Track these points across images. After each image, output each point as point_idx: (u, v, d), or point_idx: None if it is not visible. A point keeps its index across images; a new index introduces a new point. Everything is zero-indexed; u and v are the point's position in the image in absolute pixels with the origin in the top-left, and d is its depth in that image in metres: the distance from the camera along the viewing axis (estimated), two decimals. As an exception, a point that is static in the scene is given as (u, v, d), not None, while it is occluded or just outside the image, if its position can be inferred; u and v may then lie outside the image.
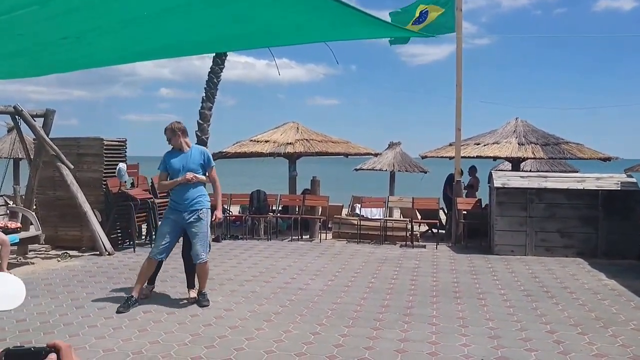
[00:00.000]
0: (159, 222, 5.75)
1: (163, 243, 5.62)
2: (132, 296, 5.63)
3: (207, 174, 5.75)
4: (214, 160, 12.57)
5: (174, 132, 5.65)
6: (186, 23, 2.41)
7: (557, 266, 7.93)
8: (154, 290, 6.11)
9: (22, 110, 8.09)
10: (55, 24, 2.21)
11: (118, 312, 5.41)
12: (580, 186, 8.87)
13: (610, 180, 8.93)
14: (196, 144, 11.27)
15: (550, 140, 11.66)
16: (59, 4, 1.98)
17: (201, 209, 5.63)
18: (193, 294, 5.87)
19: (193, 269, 5.93)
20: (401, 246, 9.80)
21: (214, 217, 5.84)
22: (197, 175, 5.59)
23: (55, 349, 1.30)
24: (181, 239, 5.94)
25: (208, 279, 6.01)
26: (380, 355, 4.30)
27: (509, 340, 4.62)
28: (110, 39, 2.54)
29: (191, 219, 5.59)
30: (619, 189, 8.73)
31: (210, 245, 5.95)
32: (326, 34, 3.04)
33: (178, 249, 6.05)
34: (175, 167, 5.60)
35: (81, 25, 2.29)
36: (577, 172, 13.42)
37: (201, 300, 5.68)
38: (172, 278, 6.80)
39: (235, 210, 12.54)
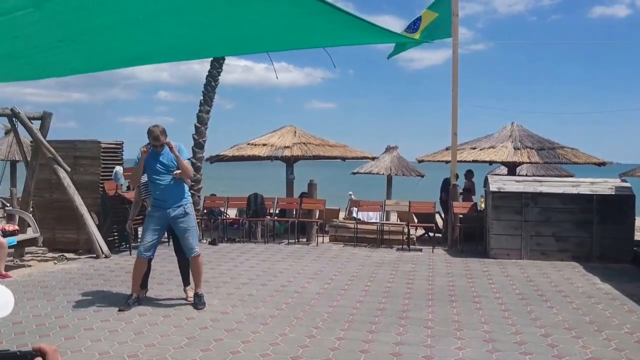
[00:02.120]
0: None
1: (149, 240, 5.64)
2: (132, 295, 5.72)
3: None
4: (211, 162, 12.56)
5: (164, 134, 5.60)
6: (183, 27, 2.42)
7: (552, 270, 7.97)
8: (148, 293, 6.12)
9: (19, 112, 8.10)
10: (50, 26, 2.23)
11: (120, 310, 5.48)
12: (575, 191, 8.92)
13: (605, 185, 8.99)
14: (193, 146, 11.39)
15: (545, 144, 11.74)
16: (54, 7, 1.99)
17: (186, 204, 5.69)
18: (190, 292, 5.91)
19: (187, 266, 5.97)
20: (398, 250, 9.83)
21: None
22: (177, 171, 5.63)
23: (41, 352, 1.32)
24: (171, 239, 6.00)
25: (204, 281, 6.03)
26: (376, 358, 4.32)
27: (504, 344, 4.65)
28: (106, 42, 2.55)
29: (177, 215, 5.63)
30: (613, 193, 8.79)
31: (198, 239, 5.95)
32: (323, 40, 3.07)
33: (172, 250, 6.07)
34: (153, 167, 5.60)
35: (76, 28, 2.30)
36: (572, 176, 13.48)
37: (197, 303, 5.70)
38: (168, 281, 6.81)
39: (232, 213, 12.56)
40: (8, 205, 9.09)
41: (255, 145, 11.93)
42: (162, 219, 5.66)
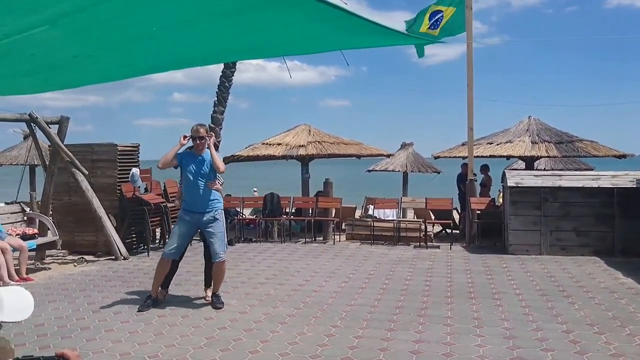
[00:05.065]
0: (172, 225, 5.81)
1: (176, 243, 5.69)
2: (151, 296, 5.78)
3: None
4: (226, 163, 12.66)
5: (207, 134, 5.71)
6: (196, 36, 2.42)
7: (573, 265, 7.85)
8: (168, 294, 6.16)
9: (37, 117, 8.21)
10: (65, 43, 2.25)
11: (139, 311, 5.54)
12: (595, 184, 8.78)
13: (626, 178, 8.83)
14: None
15: (564, 138, 11.57)
16: (68, 24, 2.01)
17: (217, 210, 5.72)
18: (209, 292, 5.96)
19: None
20: (415, 247, 9.78)
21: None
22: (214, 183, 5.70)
23: (64, 358, 1.33)
24: (201, 242, 6.02)
25: (222, 281, 6.04)
26: (395, 357, 4.29)
27: (525, 341, 4.59)
28: (120, 55, 2.57)
29: (207, 220, 5.67)
30: (635, 186, 8.63)
31: (227, 246, 6.00)
32: (339, 44, 3.06)
33: (190, 251, 6.10)
34: (189, 169, 5.65)
35: (91, 43, 2.32)
36: (592, 170, 13.29)
37: (215, 302, 5.73)
38: (186, 281, 6.84)
39: (247, 212, 12.59)
40: (28, 209, 9.21)
41: (270, 144, 11.93)
42: (192, 223, 5.71)
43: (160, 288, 6.02)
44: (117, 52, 2.54)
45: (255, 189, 14.11)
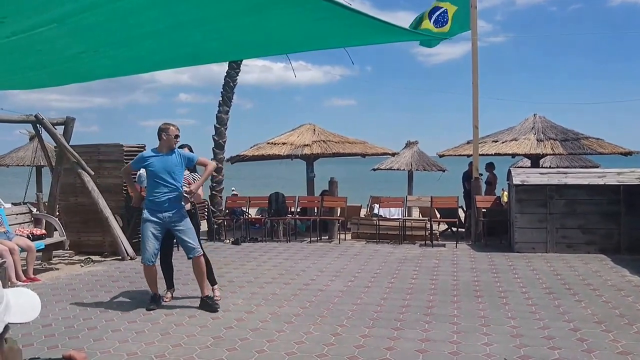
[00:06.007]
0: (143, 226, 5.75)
1: (150, 247, 5.60)
2: (155, 294, 5.80)
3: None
4: (232, 163, 12.60)
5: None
6: (204, 35, 2.43)
7: (579, 263, 7.83)
8: (175, 290, 6.18)
9: (43, 118, 8.24)
10: (73, 39, 2.26)
11: (148, 310, 5.58)
12: (601, 181, 8.75)
13: (632, 175, 8.80)
14: (213, 147, 11.46)
15: (569, 135, 11.53)
16: (76, 22, 2.02)
17: (181, 207, 5.66)
18: (217, 292, 5.97)
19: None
20: (420, 245, 9.77)
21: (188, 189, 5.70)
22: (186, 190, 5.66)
23: (71, 359, 1.34)
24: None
25: (228, 281, 6.05)
26: (402, 356, 4.29)
27: (532, 339, 4.58)
28: (127, 51, 2.59)
29: (174, 219, 5.61)
30: (641, 183, 8.60)
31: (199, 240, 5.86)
32: (343, 41, 3.06)
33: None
34: (156, 169, 5.59)
35: (98, 40, 2.33)
36: (598, 167, 13.23)
37: (211, 305, 5.60)
38: (193, 281, 6.84)
39: (253, 212, 12.62)
40: (35, 209, 9.26)
41: (275, 144, 11.95)
42: (159, 223, 5.62)
43: (165, 289, 6.05)
44: (124, 49, 2.56)
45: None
